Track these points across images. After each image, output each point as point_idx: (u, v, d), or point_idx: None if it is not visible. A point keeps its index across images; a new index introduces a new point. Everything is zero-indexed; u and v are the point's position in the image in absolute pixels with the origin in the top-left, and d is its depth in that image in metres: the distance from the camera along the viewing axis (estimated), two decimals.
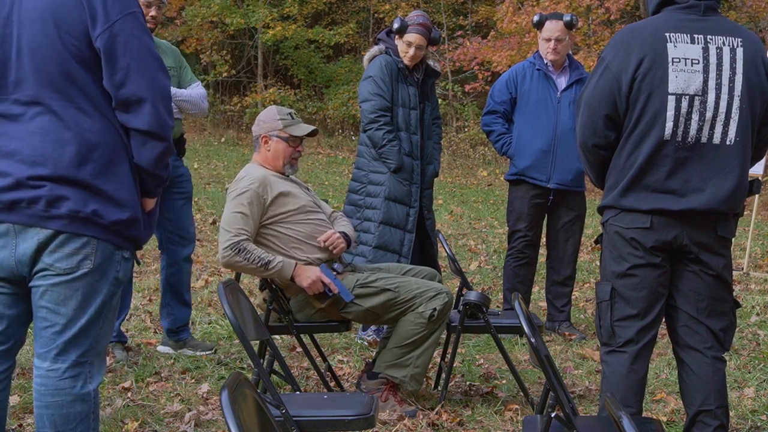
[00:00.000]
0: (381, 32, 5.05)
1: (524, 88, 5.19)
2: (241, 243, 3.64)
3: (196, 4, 17.03)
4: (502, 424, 3.75)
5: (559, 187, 5.17)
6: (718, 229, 2.98)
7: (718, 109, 2.90)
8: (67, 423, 2.44)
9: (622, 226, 3.00)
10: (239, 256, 3.62)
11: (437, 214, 10.28)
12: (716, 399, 3.02)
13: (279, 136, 3.88)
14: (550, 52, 5.13)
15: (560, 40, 5.11)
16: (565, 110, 5.12)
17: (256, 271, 3.69)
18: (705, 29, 2.92)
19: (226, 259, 3.65)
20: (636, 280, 3.00)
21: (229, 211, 3.72)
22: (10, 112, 2.40)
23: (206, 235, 8.41)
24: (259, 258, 3.63)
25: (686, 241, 2.96)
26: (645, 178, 2.94)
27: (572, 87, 5.16)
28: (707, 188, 2.92)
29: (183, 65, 4.62)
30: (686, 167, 2.92)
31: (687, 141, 2.91)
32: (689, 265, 3.01)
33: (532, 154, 5.14)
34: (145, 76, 2.37)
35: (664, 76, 2.88)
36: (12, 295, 2.49)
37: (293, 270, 3.67)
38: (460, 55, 15.17)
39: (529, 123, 5.18)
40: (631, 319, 3.02)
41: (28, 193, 2.35)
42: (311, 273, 3.70)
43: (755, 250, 8.39)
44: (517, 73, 5.25)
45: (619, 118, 2.96)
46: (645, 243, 2.96)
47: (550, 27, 5.13)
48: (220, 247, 3.69)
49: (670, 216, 2.94)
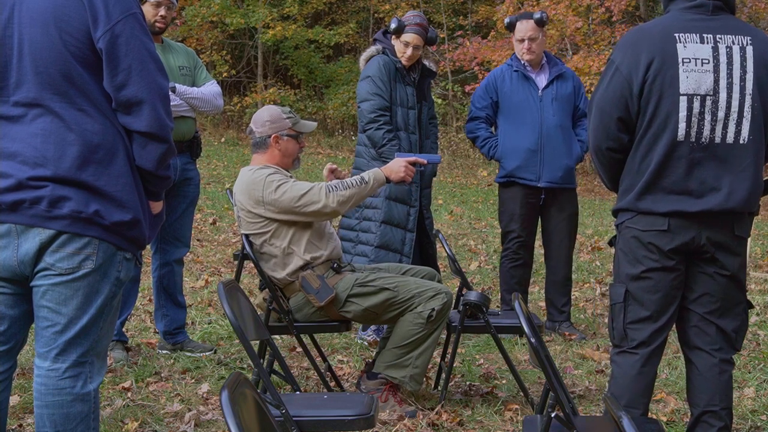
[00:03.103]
0: (377, 32, 5.06)
1: (504, 90, 5.22)
2: (324, 186, 3.74)
3: (196, 4, 17.02)
4: (502, 424, 3.75)
5: (549, 186, 5.18)
6: (735, 228, 2.96)
7: (731, 109, 2.89)
8: (68, 423, 2.44)
9: (640, 230, 2.97)
10: (337, 192, 3.73)
11: (437, 214, 10.30)
12: (721, 400, 3.02)
13: (289, 134, 3.90)
14: (525, 53, 5.16)
15: (533, 39, 5.13)
16: (548, 108, 5.14)
17: (361, 193, 3.81)
18: (714, 28, 2.91)
19: (335, 202, 3.72)
20: (651, 283, 2.98)
21: (290, 191, 3.71)
22: (10, 114, 2.40)
23: (206, 235, 8.41)
24: (353, 182, 3.80)
25: (704, 241, 2.93)
26: (661, 180, 2.93)
27: (553, 84, 5.18)
28: (723, 188, 2.90)
29: (198, 65, 4.62)
30: (701, 168, 2.91)
31: (701, 141, 2.89)
32: (703, 266, 2.98)
33: (520, 155, 5.16)
34: (144, 78, 2.38)
35: (674, 76, 2.87)
36: (14, 295, 2.49)
37: (383, 174, 3.90)
38: (460, 55, 15.16)
39: (514, 124, 5.21)
40: (644, 321, 3.00)
41: (30, 194, 2.35)
42: (396, 165, 3.92)
43: (755, 250, 8.39)
44: (496, 77, 5.28)
45: (631, 120, 2.94)
46: (662, 246, 2.94)
47: (521, 27, 5.17)
48: (325, 209, 3.71)
49: (688, 218, 2.92)
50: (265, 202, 3.74)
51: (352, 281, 3.76)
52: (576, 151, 5.21)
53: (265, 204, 3.74)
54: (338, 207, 3.74)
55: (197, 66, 4.60)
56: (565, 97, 5.20)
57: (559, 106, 5.16)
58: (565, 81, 5.23)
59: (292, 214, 3.74)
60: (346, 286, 3.75)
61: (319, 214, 3.76)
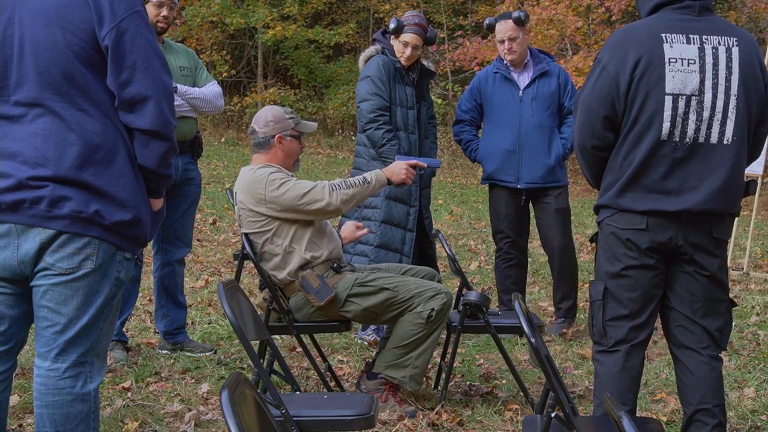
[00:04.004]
0: (377, 32, 5.07)
1: (487, 93, 5.23)
2: (327, 185, 3.74)
3: (196, 4, 17.01)
4: (502, 424, 3.75)
5: (529, 186, 5.17)
6: (713, 230, 2.98)
7: (715, 109, 2.90)
8: (68, 422, 2.44)
9: (618, 227, 3.00)
10: (341, 190, 3.74)
11: (437, 214, 10.29)
12: (713, 397, 3.03)
13: (292, 134, 3.91)
14: (506, 53, 5.15)
15: (513, 39, 5.11)
16: (528, 108, 5.12)
17: (363, 192, 3.82)
18: (700, 29, 2.93)
19: (338, 200, 3.72)
20: (629, 281, 3.00)
21: (293, 189, 3.71)
22: (11, 114, 2.40)
23: (206, 235, 8.41)
24: (356, 181, 3.81)
25: (681, 242, 2.95)
26: (642, 178, 2.94)
27: (534, 83, 5.15)
28: (703, 188, 2.92)
29: (198, 65, 4.62)
30: (684, 167, 2.92)
31: (685, 141, 2.91)
32: (684, 266, 3.00)
33: (498, 157, 5.17)
34: (149, 75, 2.38)
35: (660, 76, 2.88)
36: (13, 295, 2.49)
37: (385, 176, 3.91)
38: (460, 55, 15.17)
39: (494, 126, 5.22)
40: (622, 319, 3.02)
41: (30, 194, 2.36)
42: (397, 167, 3.94)
43: (755, 250, 8.39)
44: (480, 80, 5.30)
45: (617, 118, 2.96)
46: (640, 244, 2.96)
47: (501, 28, 5.15)
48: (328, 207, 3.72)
49: (666, 217, 2.94)
50: (268, 200, 3.74)
51: (352, 281, 3.77)
52: (557, 149, 5.11)
53: (268, 202, 3.74)
54: (341, 205, 3.75)
55: (198, 66, 4.61)
56: (547, 95, 5.13)
57: (539, 105, 5.11)
58: (549, 78, 5.16)
59: (294, 213, 3.74)
60: (346, 285, 3.75)
61: (322, 213, 3.76)
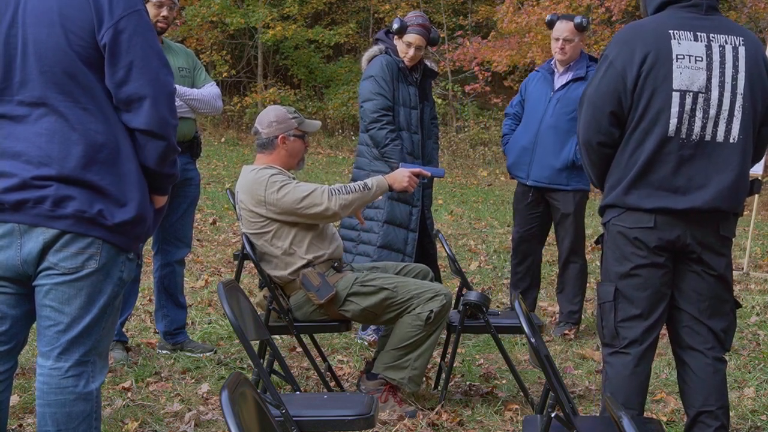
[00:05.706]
0: (379, 32, 5.07)
1: (529, 90, 5.35)
2: (327, 189, 3.73)
3: (196, 4, 17.01)
4: (502, 424, 3.75)
5: (536, 185, 5.19)
6: (720, 228, 2.97)
7: (722, 107, 2.90)
8: (70, 422, 2.45)
9: (626, 226, 2.99)
10: (340, 195, 3.72)
11: (437, 214, 10.29)
12: (717, 399, 3.02)
13: (295, 134, 3.90)
14: (558, 52, 5.20)
15: (568, 41, 5.15)
16: (551, 109, 5.16)
17: (363, 198, 3.80)
18: (707, 27, 2.93)
19: (337, 205, 3.71)
20: (640, 280, 2.99)
21: (292, 192, 3.70)
22: (14, 113, 2.40)
23: (206, 235, 8.40)
24: (356, 187, 3.79)
25: (689, 240, 2.95)
26: (649, 175, 2.93)
27: (567, 86, 5.18)
28: (710, 186, 2.91)
29: (197, 66, 4.62)
30: (690, 165, 2.92)
31: (691, 138, 2.90)
32: (691, 265, 3.00)
33: (516, 152, 5.26)
34: (147, 74, 2.37)
35: (668, 72, 2.88)
36: (16, 295, 2.49)
37: (387, 181, 3.89)
38: (460, 55, 15.17)
39: (524, 122, 5.31)
40: (635, 319, 3.00)
41: (34, 193, 2.36)
42: (400, 174, 3.92)
43: (755, 250, 8.39)
44: (529, 77, 5.45)
45: (623, 114, 2.95)
46: (648, 243, 2.95)
47: (559, 27, 5.20)
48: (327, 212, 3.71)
49: (674, 215, 2.93)
50: (267, 202, 3.74)
51: (352, 280, 3.77)
52: (567, 153, 5.09)
53: (267, 204, 3.74)
54: (340, 210, 3.74)
55: (197, 67, 4.61)
56: (573, 99, 5.15)
57: (562, 107, 5.13)
58: (582, 84, 5.13)
59: (293, 216, 3.74)
60: (346, 284, 3.75)
61: (321, 217, 3.75)
